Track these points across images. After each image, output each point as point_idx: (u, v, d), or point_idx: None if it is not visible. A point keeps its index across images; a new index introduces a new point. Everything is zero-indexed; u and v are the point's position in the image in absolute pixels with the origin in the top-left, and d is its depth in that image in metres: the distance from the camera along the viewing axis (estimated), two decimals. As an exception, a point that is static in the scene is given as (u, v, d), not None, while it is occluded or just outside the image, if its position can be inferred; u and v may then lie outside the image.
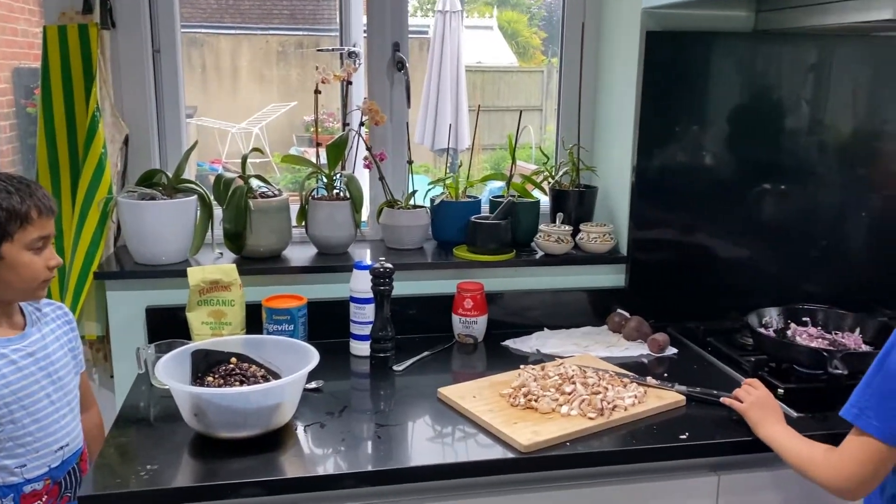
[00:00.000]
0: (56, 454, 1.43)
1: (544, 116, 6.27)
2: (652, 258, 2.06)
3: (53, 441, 1.42)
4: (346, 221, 1.96)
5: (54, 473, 1.43)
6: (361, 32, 2.14)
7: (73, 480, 1.48)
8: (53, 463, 1.42)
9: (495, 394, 1.57)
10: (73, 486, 1.47)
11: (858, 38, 2.00)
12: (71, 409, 1.48)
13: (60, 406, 1.44)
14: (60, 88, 1.85)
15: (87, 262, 1.83)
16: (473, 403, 1.53)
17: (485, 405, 1.52)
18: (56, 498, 1.44)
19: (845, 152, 2.06)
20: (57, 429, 1.43)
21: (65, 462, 1.45)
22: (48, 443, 1.41)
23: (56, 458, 1.43)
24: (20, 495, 1.38)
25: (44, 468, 1.41)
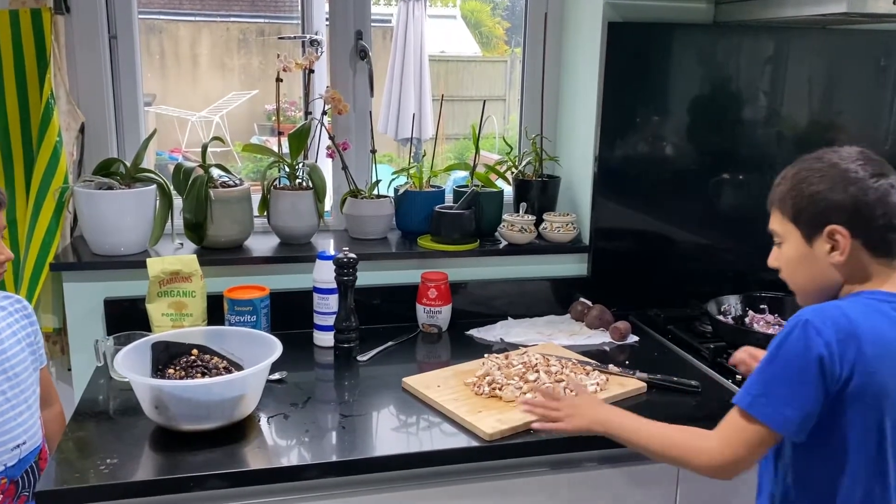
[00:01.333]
0: (12, 452, 1.40)
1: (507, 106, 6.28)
2: (614, 247, 2.08)
3: (9, 439, 1.39)
4: (308, 211, 1.95)
5: (10, 472, 1.40)
6: (324, 20, 2.12)
7: (31, 479, 1.45)
8: (10, 461, 1.39)
9: (460, 383, 1.58)
10: (30, 484, 1.44)
11: (814, 31, 2.05)
12: (28, 407, 1.45)
13: (17, 403, 1.41)
14: (13, 75, 1.80)
15: (42, 253, 1.79)
16: (438, 393, 1.53)
17: (449, 394, 1.53)
18: (13, 497, 1.41)
19: (802, 142, 2.10)
20: (13, 426, 1.39)
21: (21, 461, 1.42)
22: (3, 441, 1.38)
23: (12, 456, 1.40)
24: None
25: (0, 467, 1.38)
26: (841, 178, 1.19)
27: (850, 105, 2.11)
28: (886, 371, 1.14)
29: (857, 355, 1.12)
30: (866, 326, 1.14)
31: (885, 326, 1.15)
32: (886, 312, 1.16)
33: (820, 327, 1.13)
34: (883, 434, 1.16)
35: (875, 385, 1.13)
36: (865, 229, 1.18)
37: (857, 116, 2.12)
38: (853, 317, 1.15)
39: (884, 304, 1.17)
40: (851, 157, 1.21)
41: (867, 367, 1.13)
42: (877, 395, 1.14)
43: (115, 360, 1.39)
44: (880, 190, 1.17)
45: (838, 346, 1.12)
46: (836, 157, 1.21)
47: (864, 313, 1.16)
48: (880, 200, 1.17)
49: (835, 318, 1.14)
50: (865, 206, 1.17)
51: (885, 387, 1.14)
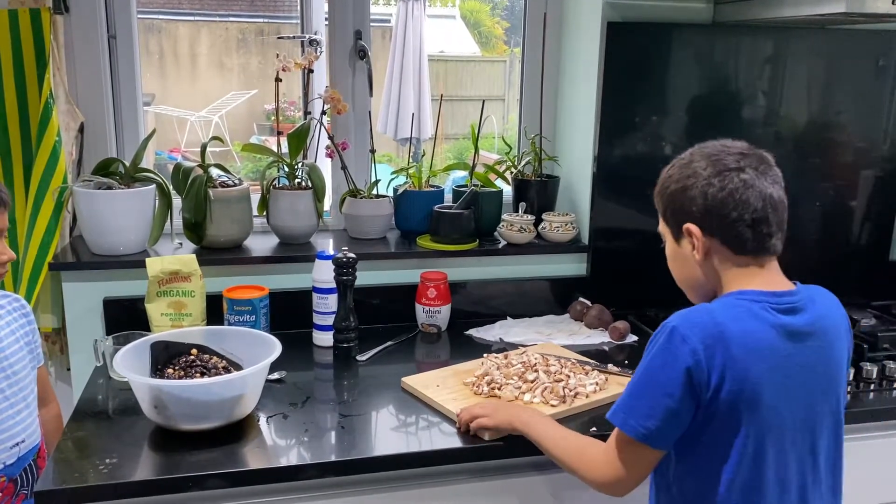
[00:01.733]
0: (11, 451, 1.40)
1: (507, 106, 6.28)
2: (613, 247, 2.08)
3: (8, 438, 1.39)
4: (308, 211, 1.95)
5: (9, 471, 1.40)
6: (323, 20, 2.12)
7: (30, 477, 1.45)
8: (8, 460, 1.40)
9: (459, 382, 1.58)
10: (29, 483, 1.44)
11: (813, 31, 2.05)
12: (27, 405, 1.45)
13: (15, 402, 1.41)
14: (12, 75, 1.80)
15: (41, 252, 1.79)
16: (437, 392, 1.53)
17: (448, 394, 1.53)
18: (11, 496, 1.41)
19: (800, 142, 2.11)
20: (11, 425, 1.40)
21: (20, 459, 1.42)
22: (2, 439, 1.38)
23: (11, 455, 1.40)
24: None
25: None
26: (691, 176, 1.18)
27: (849, 105, 2.11)
28: (759, 375, 1.10)
29: (727, 360, 1.08)
30: (735, 329, 1.10)
31: (754, 327, 1.11)
32: (757, 313, 1.12)
33: (686, 334, 1.10)
34: (760, 444, 1.12)
35: (748, 391, 1.09)
36: (718, 227, 1.16)
37: (855, 116, 2.12)
38: (721, 320, 1.11)
39: (754, 303, 1.13)
40: (707, 155, 1.19)
41: (738, 373, 1.09)
42: (750, 402, 1.10)
43: (115, 360, 1.39)
44: (728, 187, 1.14)
45: (705, 352, 1.08)
46: (696, 154, 1.20)
47: (732, 315, 1.12)
48: (730, 197, 1.14)
49: (702, 324, 1.11)
50: (714, 203, 1.15)
51: (759, 393, 1.10)
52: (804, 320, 1.15)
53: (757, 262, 1.18)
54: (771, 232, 1.16)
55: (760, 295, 1.15)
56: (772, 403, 1.11)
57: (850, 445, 1.57)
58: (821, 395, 1.17)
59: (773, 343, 1.12)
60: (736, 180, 1.15)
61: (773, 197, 1.16)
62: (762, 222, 1.15)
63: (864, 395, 1.65)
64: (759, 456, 1.13)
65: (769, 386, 1.11)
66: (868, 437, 1.61)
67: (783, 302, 1.15)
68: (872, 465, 1.62)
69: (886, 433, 1.62)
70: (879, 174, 2.17)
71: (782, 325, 1.13)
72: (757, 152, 1.19)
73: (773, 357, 1.11)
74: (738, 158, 1.17)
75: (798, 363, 1.13)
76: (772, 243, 1.18)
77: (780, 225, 1.18)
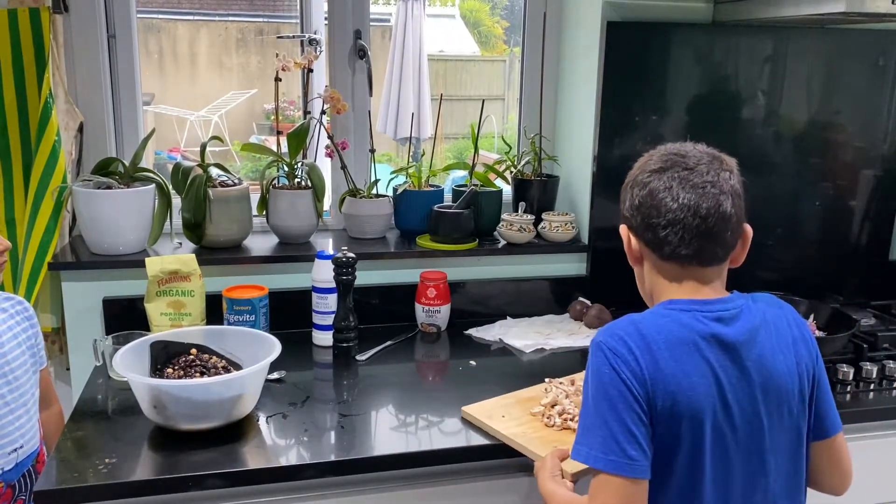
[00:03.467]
0: (9, 456, 1.39)
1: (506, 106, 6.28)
2: (613, 246, 2.06)
3: (7, 443, 1.38)
4: (307, 211, 1.95)
5: (7, 476, 1.39)
6: (322, 19, 2.12)
7: (28, 483, 1.44)
8: (7, 466, 1.39)
9: (525, 412, 1.46)
10: (27, 488, 1.43)
11: (813, 31, 2.05)
12: (27, 410, 1.44)
13: (15, 407, 1.40)
14: (11, 74, 1.80)
15: (41, 252, 1.79)
16: (504, 424, 1.41)
17: (516, 426, 1.41)
18: (9, 501, 1.40)
19: (800, 142, 2.10)
20: (10, 430, 1.39)
21: (19, 465, 1.41)
22: (1, 444, 1.37)
23: (9, 460, 1.39)
24: None
25: None
26: (631, 174, 1.17)
27: (849, 104, 2.11)
28: (690, 387, 1.04)
29: (655, 373, 1.04)
30: (660, 339, 1.05)
31: (682, 337, 1.06)
32: (685, 322, 1.08)
33: (613, 347, 1.06)
34: (697, 462, 1.06)
35: (681, 404, 1.04)
36: (640, 230, 1.13)
37: (855, 116, 2.12)
38: (646, 331, 1.06)
39: (683, 313, 1.09)
40: (648, 156, 1.16)
41: (668, 386, 1.04)
42: (685, 415, 1.04)
43: (114, 360, 1.39)
44: (647, 187, 1.11)
45: (635, 363, 1.04)
46: (650, 154, 1.17)
47: (658, 326, 1.07)
48: (649, 196, 1.10)
49: (628, 335, 1.06)
50: (635, 205, 1.13)
51: (691, 405, 1.04)
52: (737, 329, 1.09)
53: (686, 271, 1.12)
54: (687, 241, 1.09)
55: (690, 304, 1.10)
56: (707, 416, 1.05)
57: (850, 445, 1.57)
58: (767, 410, 1.10)
59: (704, 353, 1.06)
60: (655, 182, 1.11)
61: (691, 201, 1.07)
62: (679, 228, 1.09)
63: (863, 395, 1.65)
64: (697, 475, 1.07)
65: (704, 398, 1.05)
66: (868, 437, 1.61)
67: (714, 310, 1.10)
68: (872, 465, 1.62)
69: (886, 433, 1.62)
70: (879, 174, 2.17)
71: (713, 333, 1.08)
72: (705, 160, 1.11)
73: (705, 367, 1.06)
74: (671, 160, 1.11)
75: (734, 374, 1.08)
76: (691, 252, 1.10)
77: (706, 230, 1.08)
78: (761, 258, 2.14)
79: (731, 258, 1.15)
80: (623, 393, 1.04)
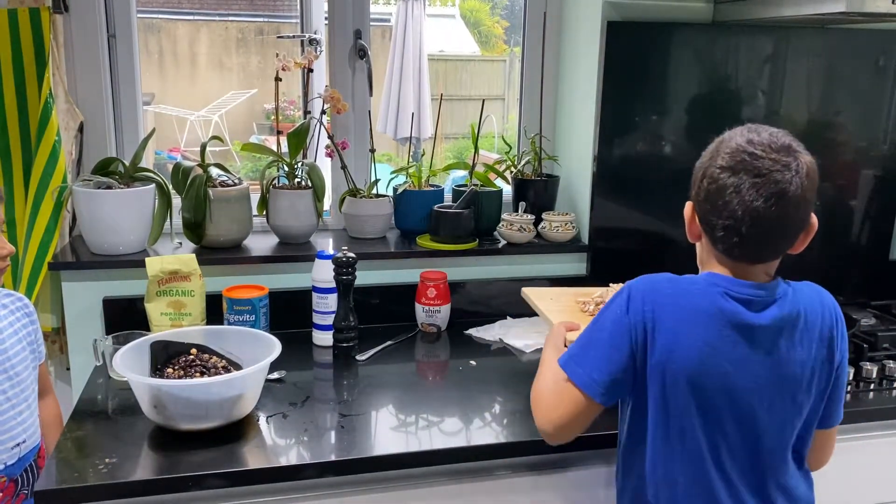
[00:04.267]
0: (12, 451, 1.40)
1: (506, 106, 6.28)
2: (613, 246, 2.08)
3: (9, 438, 1.39)
4: (307, 211, 1.95)
5: (10, 471, 1.40)
6: (322, 19, 2.12)
7: (30, 478, 1.45)
8: (9, 460, 1.40)
9: (572, 300, 1.65)
10: (29, 483, 1.44)
11: (813, 30, 2.05)
12: (28, 406, 1.45)
13: (17, 402, 1.41)
14: (11, 74, 1.79)
15: (41, 252, 1.79)
16: (548, 304, 1.63)
17: (556, 307, 1.61)
18: (12, 496, 1.41)
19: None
20: (13, 426, 1.40)
21: (21, 459, 1.42)
22: (3, 440, 1.38)
23: (12, 455, 1.40)
24: None
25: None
26: (705, 156, 1.16)
27: (849, 104, 2.11)
28: (688, 352, 1.12)
29: (662, 328, 1.13)
30: (679, 302, 1.14)
31: (699, 305, 1.13)
32: (708, 293, 1.14)
33: (634, 295, 1.16)
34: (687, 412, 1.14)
35: (674, 363, 1.13)
36: (703, 218, 1.16)
37: (855, 115, 2.12)
38: (670, 290, 1.15)
39: (713, 287, 1.15)
40: (722, 143, 1.14)
41: (669, 342, 1.12)
42: (675, 375, 1.13)
43: (114, 360, 1.39)
44: (717, 183, 1.11)
45: (645, 315, 1.14)
46: (730, 136, 1.14)
47: (684, 289, 1.15)
48: (717, 194, 1.11)
49: (653, 289, 1.16)
50: (702, 195, 1.14)
51: (685, 367, 1.12)
52: (764, 316, 1.14)
53: (735, 262, 1.16)
54: (741, 243, 1.12)
55: (726, 282, 1.15)
56: (704, 383, 1.13)
57: (851, 445, 1.58)
58: (771, 393, 1.15)
59: (720, 327, 1.12)
60: (727, 181, 1.10)
61: (756, 210, 1.08)
62: (734, 233, 1.11)
63: (863, 395, 1.65)
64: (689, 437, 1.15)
65: (704, 366, 1.12)
66: (868, 437, 1.61)
67: (745, 293, 1.14)
68: (872, 465, 1.62)
69: (886, 433, 1.62)
70: (879, 174, 2.17)
71: (735, 312, 1.13)
72: (778, 165, 1.09)
73: (716, 339, 1.12)
74: (743, 161, 1.10)
75: (743, 353, 1.13)
76: (742, 252, 1.14)
77: (764, 237, 1.12)
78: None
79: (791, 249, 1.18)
80: (622, 333, 1.15)
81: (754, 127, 1.14)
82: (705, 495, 1.17)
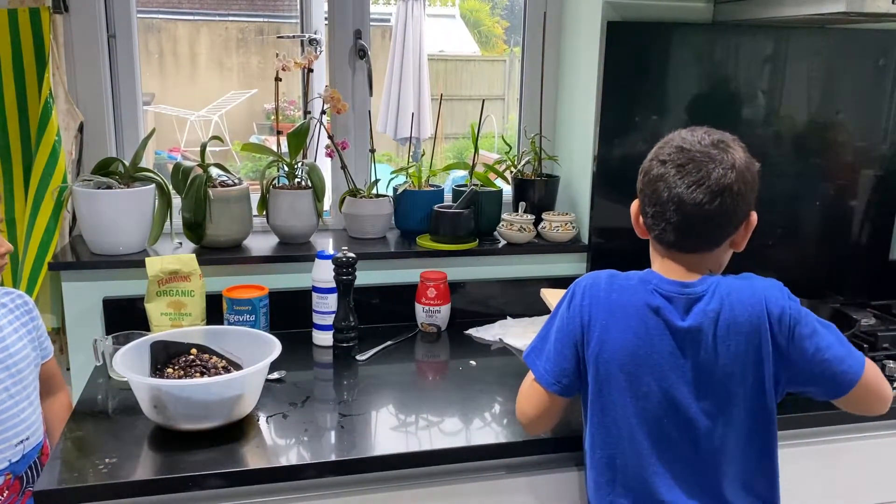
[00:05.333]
0: (16, 448, 1.41)
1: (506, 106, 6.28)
2: (613, 246, 2.08)
3: (13, 435, 1.40)
4: (307, 211, 1.95)
5: (15, 468, 1.41)
6: (322, 19, 2.12)
7: (35, 475, 1.45)
8: (14, 457, 1.40)
9: None
10: (34, 480, 1.45)
11: (813, 30, 2.05)
12: (30, 403, 1.46)
13: (20, 399, 1.42)
14: (11, 74, 1.80)
15: (41, 252, 1.79)
16: None
17: None
18: (18, 493, 1.42)
19: (800, 142, 2.10)
20: (17, 423, 1.40)
21: (25, 456, 1.43)
22: (8, 437, 1.39)
23: (16, 452, 1.41)
24: None
25: (4, 463, 1.39)
26: (651, 151, 1.27)
27: (849, 104, 2.11)
28: (618, 339, 1.19)
29: (596, 319, 1.21)
30: (613, 298, 1.21)
31: (629, 300, 1.21)
32: (638, 289, 1.21)
33: (577, 292, 1.25)
34: (621, 399, 1.21)
35: (604, 356, 1.20)
36: (642, 210, 1.25)
37: (855, 116, 2.12)
38: (609, 285, 1.23)
39: (645, 283, 1.22)
40: (662, 143, 1.25)
41: (601, 333, 1.20)
42: (607, 366, 1.20)
43: (114, 360, 1.39)
44: (649, 174, 1.22)
45: (584, 309, 1.22)
46: (673, 133, 1.26)
47: (620, 285, 1.23)
48: (649, 184, 1.21)
49: (594, 285, 1.24)
50: (639, 188, 1.25)
51: (615, 360, 1.20)
52: (689, 317, 1.19)
53: (668, 252, 1.24)
54: (668, 229, 1.20)
55: (657, 278, 1.22)
56: (634, 371, 1.20)
57: (851, 445, 1.58)
58: (703, 386, 1.20)
59: (646, 321, 1.19)
60: (656, 171, 1.21)
61: (679, 196, 1.17)
62: (661, 218, 1.20)
63: (863, 394, 1.65)
64: (622, 422, 1.21)
65: (633, 356, 1.19)
66: (868, 437, 1.60)
67: (669, 290, 1.21)
68: (871, 465, 1.62)
69: (886, 433, 1.62)
70: (879, 174, 2.17)
71: (658, 307, 1.20)
72: (706, 157, 1.18)
73: (638, 332, 1.19)
74: (674, 154, 1.20)
75: (669, 349, 1.19)
76: (674, 240, 1.21)
77: (688, 224, 1.19)
78: (761, 258, 2.14)
79: (730, 243, 1.24)
80: (566, 325, 1.25)
81: (694, 127, 1.25)
82: (641, 479, 1.22)
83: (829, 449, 1.58)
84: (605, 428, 1.24)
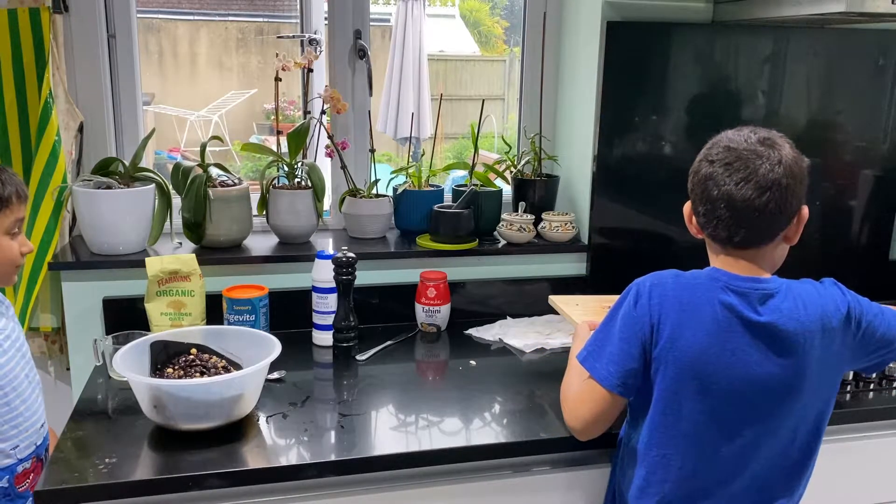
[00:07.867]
0: (39, 431, 1.48)
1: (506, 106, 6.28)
2: (613, 246, 2.08)
3: (37, 419, 1.46)
4: (307, 210, 1.95)
5: (39, 451, 1.47)
6: (322, 19, 2.12)
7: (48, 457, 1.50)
8: (38, 440, 1.47)
9: (598, 305, 1.68)
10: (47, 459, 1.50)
11: (813, 30, 2.05)
12: (41, 389, 1.53)
13: (35, 385, 1.49)
14: (11, 74, 1.80)
15: (41, 252, 1.79)
16: (574, 310, 1.69)
17: (581, 312, 1.67)
18: (40, 473, 1.45)
19: (800, 141, 2.07)
20: (37, 407, 1.47)
21: (45, 439, 1.50)
22: (33, 421, 1.45)
23: (40, 435, 1.48)
24: (14, 475, 1.41)
25: (31, 447, 1.45)
26: (700, 153, 1.26)
27: (849, 104, 2.11)
28: (688, 337, 1.18)
29: (667, 319, 1.19)
30: (683, 295, 1.21)
31: (699, 299, 1.19)
32: (709, 287, 1.20)
33: (643, 292, 1.23)
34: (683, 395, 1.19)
35: (677, 352, 1.19)
36: (695, 210, 1.25)
37: (855, 115, 2.12)
38: (674, 284, 1.22)
39: (714, 281, 1.21)
40: (711, 144, 1.24)
41: (672, 332, 1.19)
42: (677, 363, 1.19)
43: (114, 360, 1.39)
44: (699, 174, 1.22)
45: (652, 308, 1.21)
46: (721, 134, 1.25)
47: (687, 284, 1.22)
48: (699, 184, 1.22)
49: (660, 284, 1.23)
50: (690, 188, 1.25)
51: (687, 355, 1.18)
52: (764, 310, 1.19)
53: (724, 249, 1.24)
54: (721, 226, 1.20)
55: (726, 275, 1.21)
56: (702, 372, 1.18)
57: (851, 445, 1.58)
58: (775, 394, 1.20)
59: (714, 318, 1.18)
60: (705, 171, 1.21)
61: (729, 193, 1.17)
62: (713, 216, 1.20)
63: (863, 395, 1.65)
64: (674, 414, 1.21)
65: (702, 355, 1.18)
66: (868, 437, 1.61)
67: (742, 286, 1.20)
68: (872, 465, 1.62)
69: (886, 433, 1.62)
70: (879, 174, 2.17)
71: (731, 304, 1.18)
72: (753, 155, 1.19)
73: (710, 330, 1.18)
74: (723, 151, 1.20)
75: (742, 346, 1.18)
76: (727, 235, 1.21)
77: (740, 219, 1.19)
78: (761, 258, 2.14)
79: (783, 237, 1.24)
80: (632, 327, 1.23)
81: (741, 127, 1.25)
82: (699, 478, 1.22)
83: (830, 449, 1.57)
84: (666, 427, 1.23)
